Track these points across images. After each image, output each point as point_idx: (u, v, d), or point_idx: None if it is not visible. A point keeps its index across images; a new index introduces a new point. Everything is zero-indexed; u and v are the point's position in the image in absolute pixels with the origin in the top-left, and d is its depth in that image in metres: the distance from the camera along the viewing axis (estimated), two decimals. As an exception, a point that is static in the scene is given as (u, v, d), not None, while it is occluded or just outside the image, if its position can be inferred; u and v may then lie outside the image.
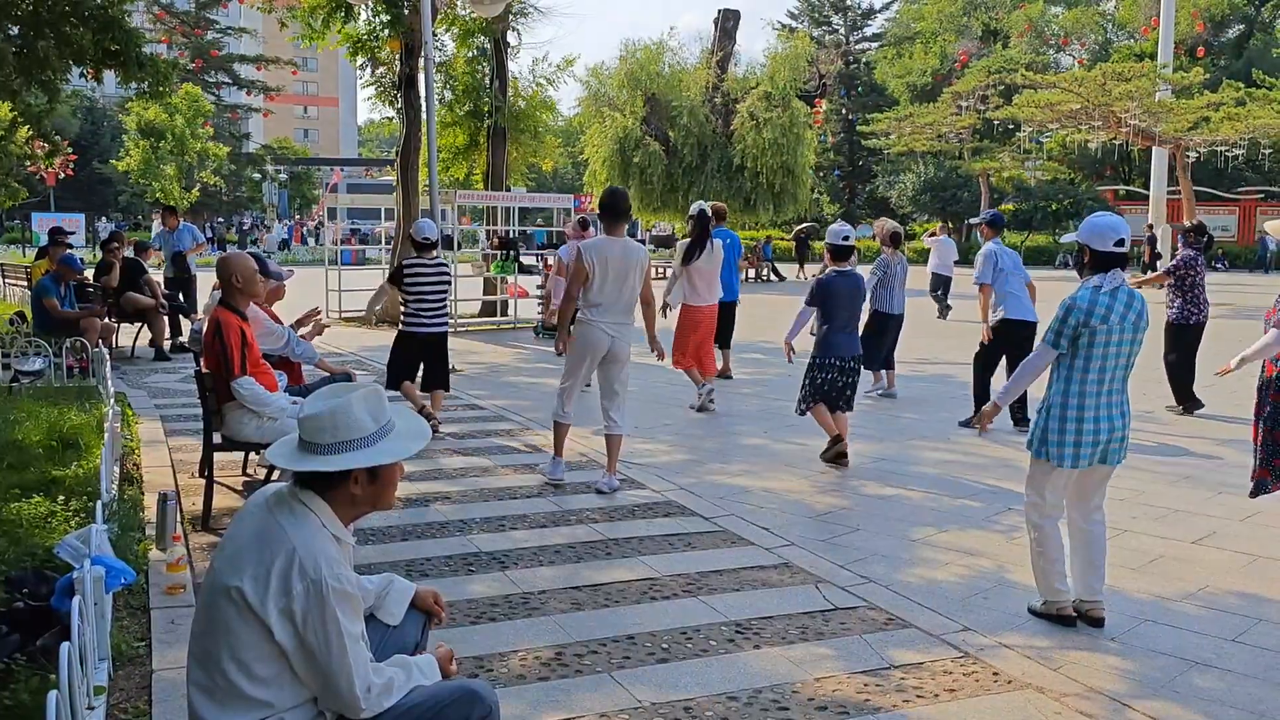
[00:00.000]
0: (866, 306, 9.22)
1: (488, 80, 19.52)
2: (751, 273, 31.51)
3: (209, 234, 49.94)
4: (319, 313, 7.75)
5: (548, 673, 4.13)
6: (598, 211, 7.28)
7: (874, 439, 8.79)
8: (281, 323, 7.27)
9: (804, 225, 35.68)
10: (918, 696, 4.00)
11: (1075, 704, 3.95)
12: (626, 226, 7.03)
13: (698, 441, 8.65)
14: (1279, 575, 5.45)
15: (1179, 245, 10.42)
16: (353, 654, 2.58)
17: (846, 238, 7.87)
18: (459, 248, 22.10)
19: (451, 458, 7.85)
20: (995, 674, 4.22)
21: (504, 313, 18.39)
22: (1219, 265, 37.73)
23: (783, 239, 44.22)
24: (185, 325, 13.70)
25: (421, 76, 14.44)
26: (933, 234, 22.02)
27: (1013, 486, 7.18)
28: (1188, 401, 10.00)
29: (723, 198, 33.15)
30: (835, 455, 7.81)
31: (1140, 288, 7.79)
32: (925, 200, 48.05)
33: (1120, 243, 4.57)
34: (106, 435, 6.35)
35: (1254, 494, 5.89)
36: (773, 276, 33.78)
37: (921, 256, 42.49)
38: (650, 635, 4.51)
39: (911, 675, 4.19)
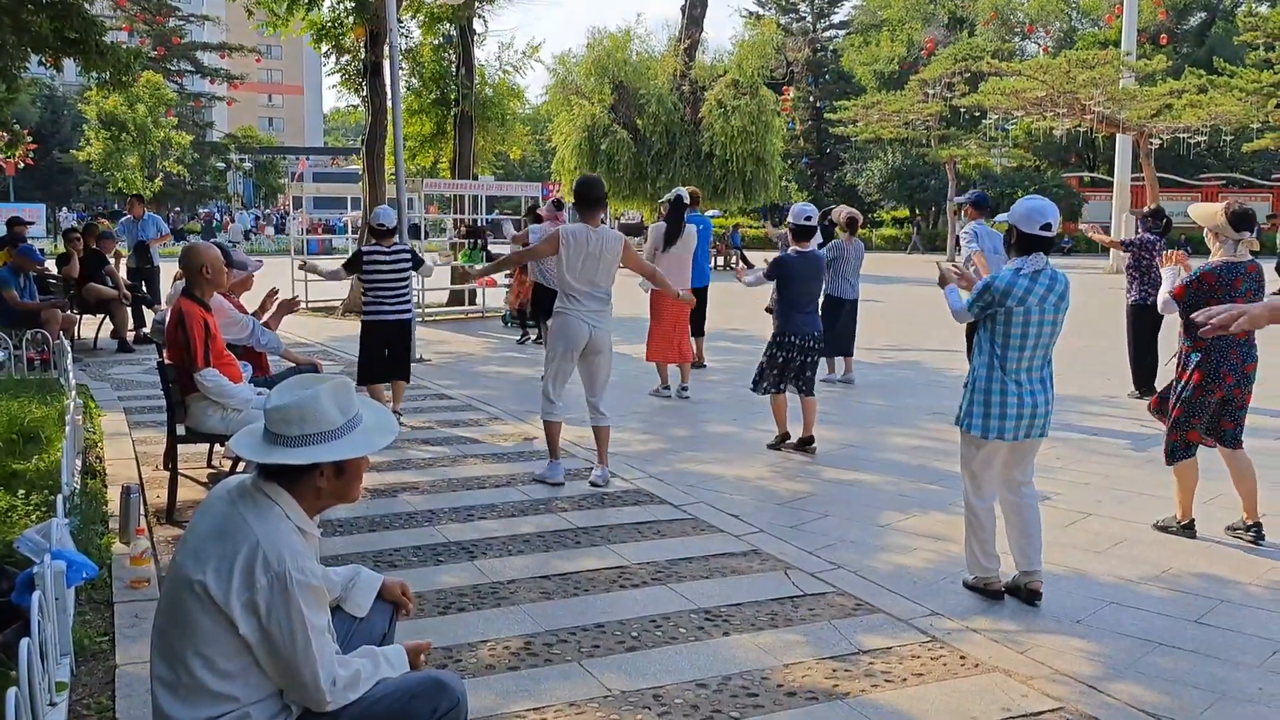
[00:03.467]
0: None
1: (454, 67, 19.41)
2: (720, 260, 31.52)
3: (174, 224, 49.47)
4: (277, 292, 7.64)
5: (517, 662, 4.12)
6: (572, 201, 7.22)
7: (842, 425, 8.83)
8: (246, 312, 7.19)
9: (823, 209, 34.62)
10: (886, 681, 4.02)
11: (1041, 686, 3.98)
12: (602, 214, 6.95)
13: (668, 429, 8.65)
14: (1239, 557, 5.52)
15: (1138, 230, 10.53)
16: (318, 646, 2.56)
17: (809, 218, 7.95)
18: (426, 236, 21.99)
19: (420, 448, 7.81)
20: (963, 658, 4.25)
21: (472, 302, 18.31)
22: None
23: (752, 227, 44.27)
24: (149, 316, 13.55)
25: (387, 64, 14.32)
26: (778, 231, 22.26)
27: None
28: (1143, 386, 10.05)
29: (692, 185, 33.19)
30: (801, 443, 7.87)
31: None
32: (892, 188, 48.23)
33: (1047, 226, 4.68)
34: (68, 428, 6.26)
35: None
36: (741, 264, 33.77)
37: (891, 244, 42.71)
38: (620, 624, 4.51)
39: (880, 660, 4.21)
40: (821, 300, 8.67)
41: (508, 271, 14.35)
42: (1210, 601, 4.89)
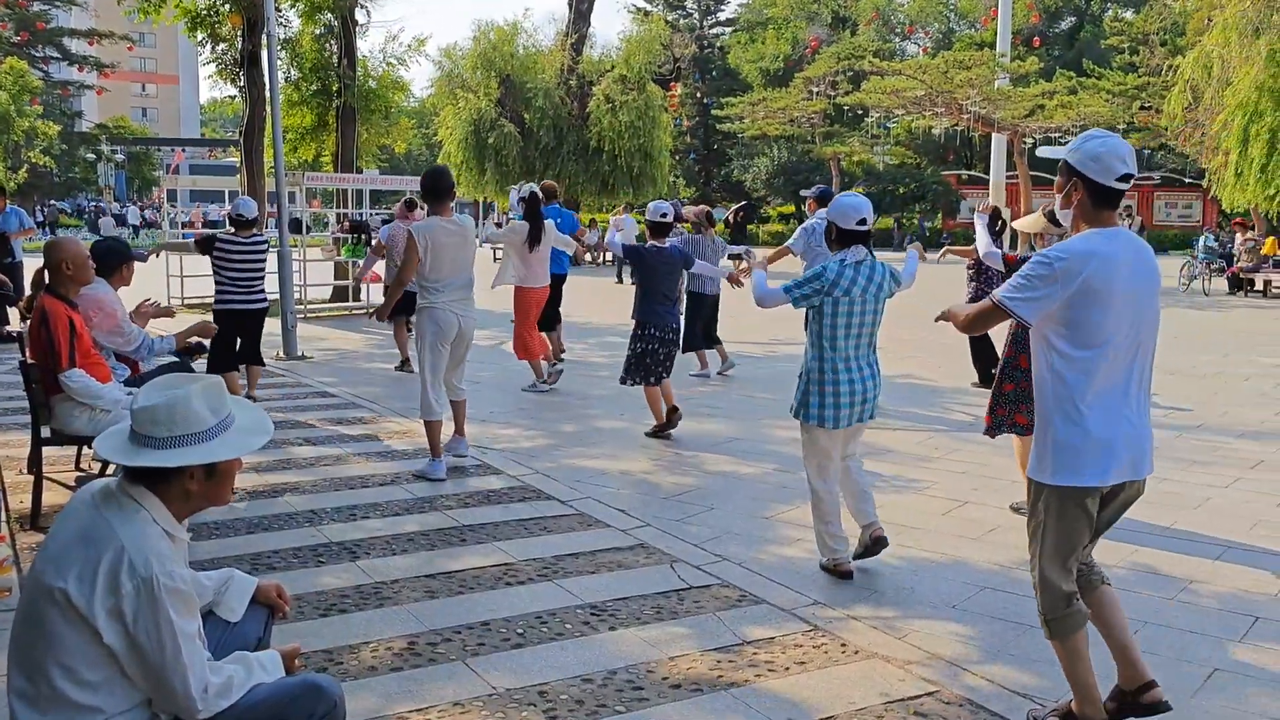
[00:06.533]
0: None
1: (335, 58, 19.00)
2: (609, 256, 31.55)
3: (41, 217, 47.35)
4: (150, 301, 7.39)
5: (400, 663, 4.06)
6: (420, 193, 7.25)
7: (728, 419, 8.92)
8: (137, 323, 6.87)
9: (740, 205, 34.57)
10: (769, 670, 4.08)
11: (918, 670, 4.09)
12: (452, 204, 7.07)
13: (555, 425, 8.62)
14: (1103, 542, 5.73)
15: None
16: (187, 653, 2.49)
17: (665, 214, 8.27)
18: (308, 231, 21.51)
19: (302, 447, 7.64)
20: (843, 645, 4.33)
21: (355, 298, 17.98)
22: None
23: (640, 221, 44.36)
24: (14, 314, 12.95)
25: (265, 53, 13.94)
26: (618, 213, 22.60)
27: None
28: (985, 377, 10.40)
29: (580, 180, 33.17)
30: (668, 414, 8.14)
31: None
32: (779, 183, 48.90)
33: (862, 221, 4.97)
34: (-78, 431, 5.96)
35: (990, 433, 6.30)
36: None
37: (778, 240, 43.27)
38: (505, 621, 4.48)
39: (763, 650, 4.27)
40: (685, 296, 9.01)
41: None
42: (1077, 584, 5.07)
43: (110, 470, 5.97)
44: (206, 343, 7.01)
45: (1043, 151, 4.07)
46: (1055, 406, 3.37)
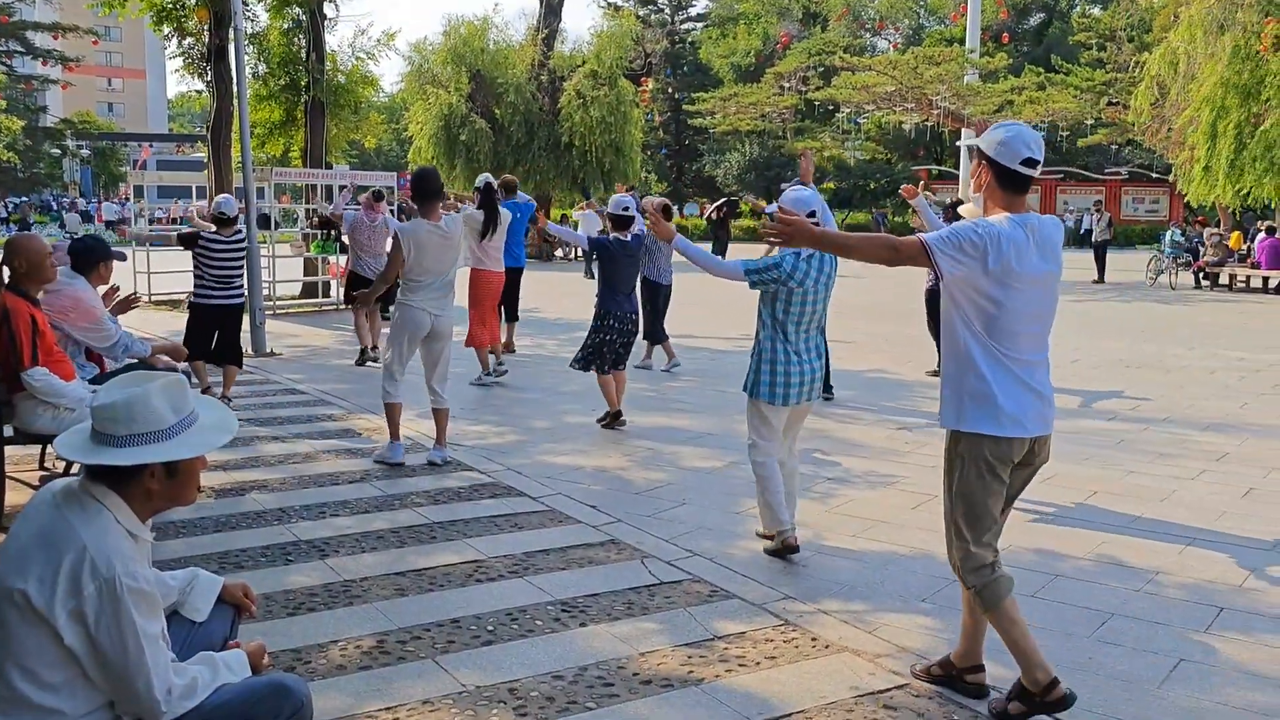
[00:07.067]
0: None
1: (304, 53, 18.83)
2: (579, 251, 31.50)
3: (5, 213, 46.69)
4: (117, 289, 7.32)
5: (369, 661, 4.04)
6: (411, 195, 7.29)
7: (699, 413, 8.92)
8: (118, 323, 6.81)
9: (722, 201, 34.28)
10: (740, 665, 4.08)
11: (887, 664, 4.10)
12: (440, 204, 7.14)
13: (525, 422, 8.60)
14: (1071, 533, 5.79)
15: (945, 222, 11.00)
16: (150, 655, 2.46)
17: (627, 208, 8.44)
18: (276, 227, 21.35)
19: (271, 444, 7.59)
20: (814, 639, 4.34)
21: (325, 294, 17.86)
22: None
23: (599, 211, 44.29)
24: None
25: (232, 48, 13.80)
26: (582, 208, 22.62)
27: (828, 456, 7.42)
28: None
29: (551, 176, 33.10)
30: (612, 419, 8.28)
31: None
32: (750, 179, 48.97)
33: (812, 214, 5.07)
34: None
35: None
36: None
37: (750, 234, 43.44)
38: (475, 618, 4.46)
39: (734, 645, 4.27)
40: (639, 284, 9.21)
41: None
42: (1045, 577, 5.11)
43: (74, 469, 5.90)
44: (179, 367, 6.96)
45: (965, 141, 4.29)
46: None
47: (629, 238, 8.35)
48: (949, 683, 3.86)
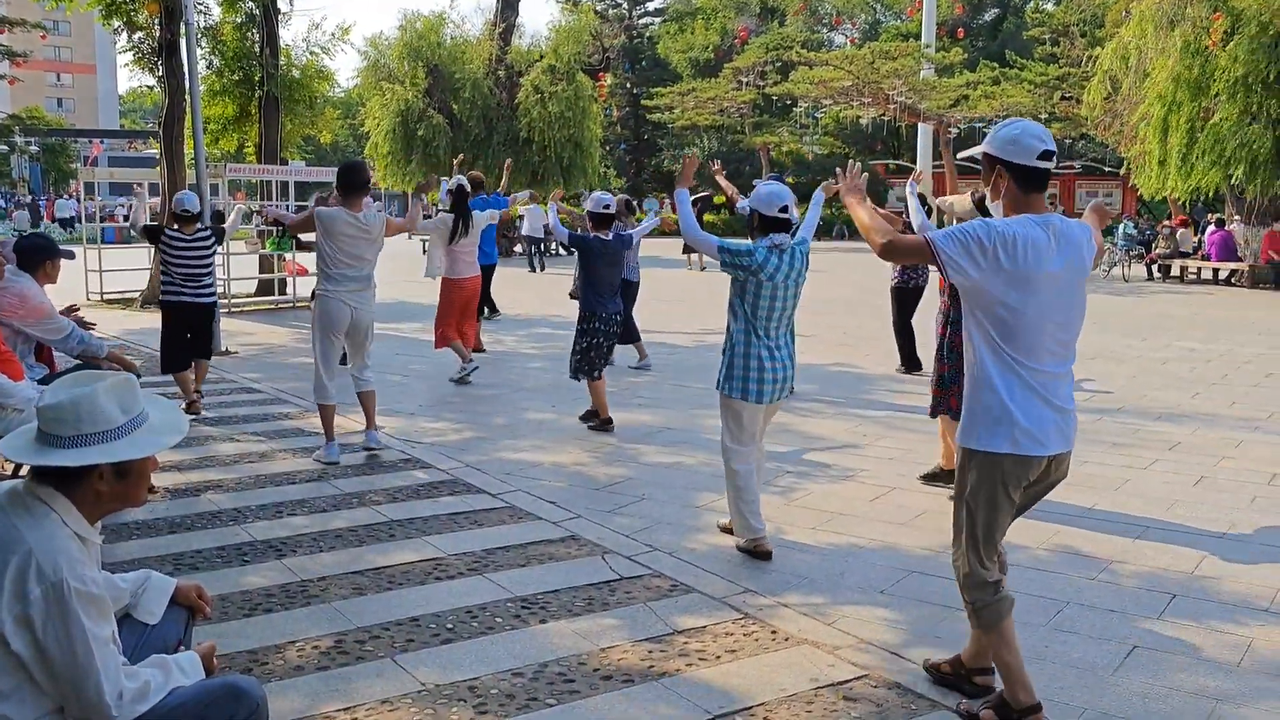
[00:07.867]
0: None
1: (258, 47, 18.62)
2: (554, 246, 31.38)
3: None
4: (77, 309, 7.20)
5: (327, 662, 4.00)
6: (335, 185, 7.28)
7: (659, 408, 8.92)
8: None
9: (699, 195, 34.23)
10: (700, 659, 4.08)
11: (848, 655, 4.12)
12: (366, 198, 7.17)
13: (485, 418, 8.56)
14: (1027, 524, 5.84)
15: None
16: (100, 659, 2.41)
17: (607, 206, 8.41)
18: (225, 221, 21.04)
19: (225, 444, 7.50)
20: (774, 632, 4.36)
21: (281, 291, 17.67)
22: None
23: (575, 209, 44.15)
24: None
25: (184, 42, 13.61)
26: (525, 203, 22.67)
27: (790, 449, 7.45)
28: (909, 362, 10.60)
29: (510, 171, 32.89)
30: (603, 423, 8.10)
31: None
32: (709, 173, 49.06)
33: (784, 209, 5.13)
34: None
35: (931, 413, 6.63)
36: (560, 250, 33.74)
37: (711, 229, 43.37)
38: (434, 616, 4.44)
39: (695, 639, 4.28)
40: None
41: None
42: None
43: (24, 471, 5.79)
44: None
45: (963, 155, 4.13)
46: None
47: (609, 236, 8.20)
48: (956, 682, 3.79)
